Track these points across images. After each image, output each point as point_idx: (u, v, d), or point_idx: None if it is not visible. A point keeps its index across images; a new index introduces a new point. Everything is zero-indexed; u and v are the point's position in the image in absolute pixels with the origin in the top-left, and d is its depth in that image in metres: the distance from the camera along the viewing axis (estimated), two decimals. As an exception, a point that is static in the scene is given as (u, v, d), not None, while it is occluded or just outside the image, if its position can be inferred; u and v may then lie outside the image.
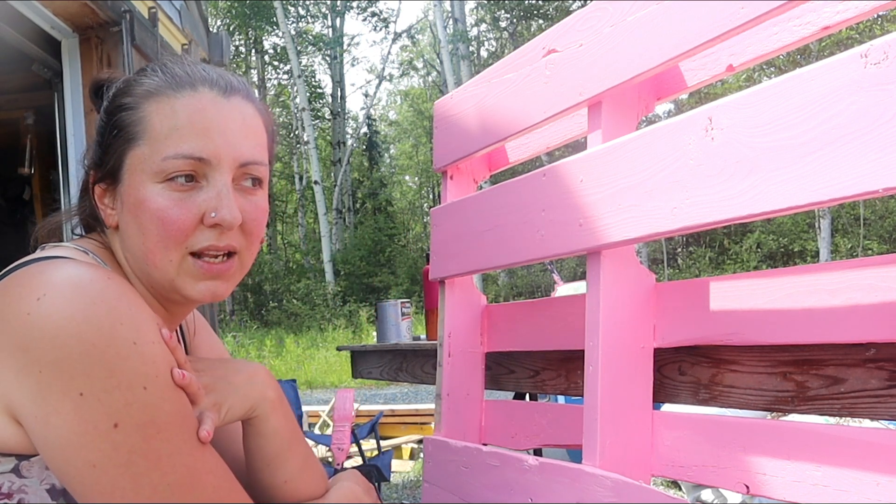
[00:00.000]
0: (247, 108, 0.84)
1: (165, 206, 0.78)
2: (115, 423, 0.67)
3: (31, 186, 4.17)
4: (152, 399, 0.70)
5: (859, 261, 0.80)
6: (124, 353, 0.69)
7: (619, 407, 1.00)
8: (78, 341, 0.67)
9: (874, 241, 14.84)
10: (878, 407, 0.81)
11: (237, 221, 0.80)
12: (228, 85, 0.83)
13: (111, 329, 0.69)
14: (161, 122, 0.80)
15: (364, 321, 14.78)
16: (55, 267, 0.73)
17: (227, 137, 0.80)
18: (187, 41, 3.78)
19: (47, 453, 0.70)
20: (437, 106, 1.48)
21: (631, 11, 0.99)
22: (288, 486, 0.87)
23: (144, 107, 0.81)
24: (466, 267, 1.34)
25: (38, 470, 0.73)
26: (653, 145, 0.94)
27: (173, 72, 0.83)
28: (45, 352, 0.67)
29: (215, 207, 0.79)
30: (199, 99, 0.81)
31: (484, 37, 24.08)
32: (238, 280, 0.85)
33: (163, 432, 0.70)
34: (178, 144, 0.78)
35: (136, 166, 0.80)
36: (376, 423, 3.94)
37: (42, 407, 0.68)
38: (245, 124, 0.83)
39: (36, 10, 2.60)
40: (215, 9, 20.91)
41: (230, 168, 0.80)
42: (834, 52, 2.31)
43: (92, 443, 0.67)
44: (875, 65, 0.69)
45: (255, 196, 0.84)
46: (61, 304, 0.68)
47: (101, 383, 0.67)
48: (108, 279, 0.73)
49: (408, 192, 27.73)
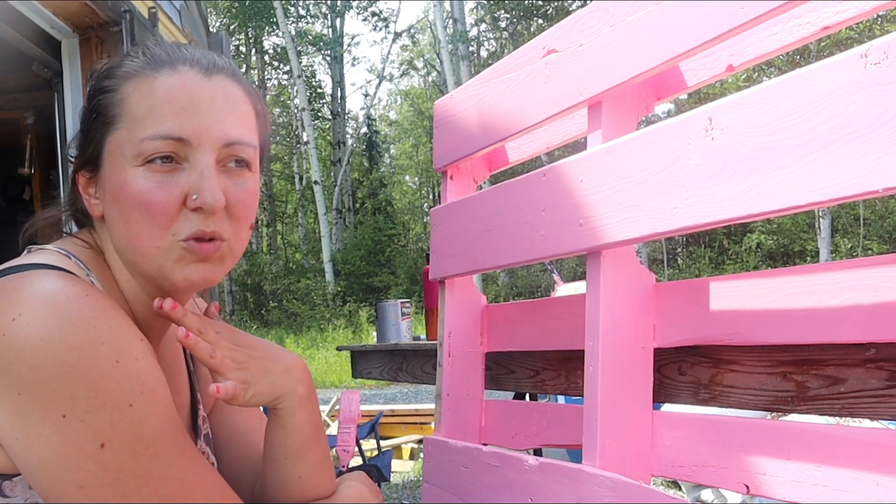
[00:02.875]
0: (231, 86, 0.80)
1: (146, 189, 0.74)
2: (101, 443, 0.66)
3: (31, 186, 4.17)
4: (139, 416, 0.68)
5: (859, 261, 0.80)
6: (107, 373, 0.67)
7: (619, 407, 1.00)
8: (56, 364, 0.65)
9: (874, 241, 14.83)
10: (878, 407, 0.81)
11: (219, 204, 0.75)
12: (211, 63, 0.79)
13: (90, 349, 0.66)
14: (139, 103, 0.76)
15: (364, 321, 14.78)
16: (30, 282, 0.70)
17: (208, 116, 0.76)
18: (187, 41, 3.78)
19: (31, 475, 0.68)
20: (437, 106, 1.48)
21: (631, 11, 0.99)
22: (301, 482, 0.86)
23: (123, 88, 0.78)
24: (466, 267, 1.34)
25: (21, 489, 0.71)
26: (653, 145, 0.94)
27: (154, 52, 0.79)
28: (22, 374, 0.65)
29: (197, 189, 0.75)
30: (178, 78, 0.77)
31: (484, 37, 24.08)
32: (229, 266, 0.82)
33: (151, 448, 0.68)
34: (156, 125, 0.75)
35: (116, 150, 0.77)
36: (376, 423, 3.94)
37: (22, 430, 0.66)
38: (228, 103, 0.78)
39: (36, 10, 2.60)
40: (215, 9, 20.91)
41: (213, 148, 0.76)
42: (834, 52, 2.30)
43: (78, 464, 0.66)
44: (875, 65, 0.69)
45: (241, 178, 0.79)
46: (37, 324, 0.66)
47: (84, 404, 0.65)
48: (87, 296, 0.70)
49: (408, 192, 27.73)
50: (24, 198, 4.25)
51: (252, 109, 0.83)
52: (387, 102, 31.54)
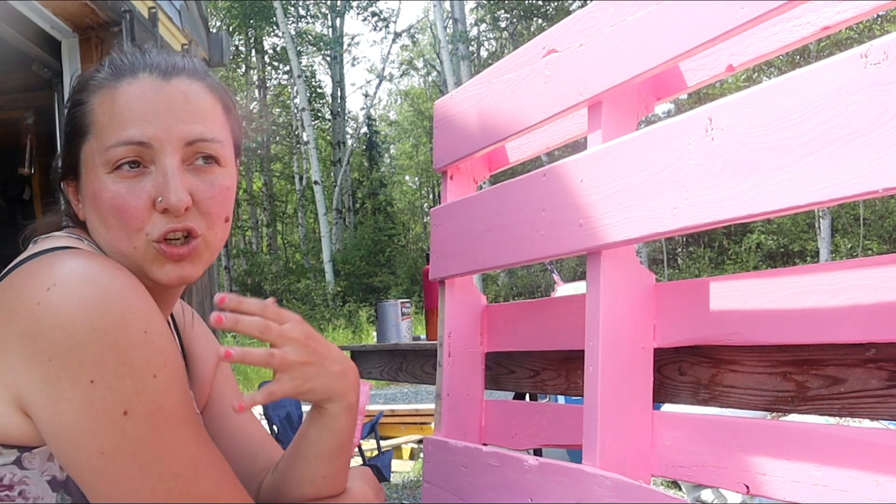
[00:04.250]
0: (192, 86, 0.82)
1: (117, 194, 0.78)
2: (124, 410, 0.68)
3: (31, 186, 4.17)
4: (161, 388, 0.70)
5: (859, 261, 0.80)
6: (136, 342, 0.69)
7: (619, 407, 1.00)
8: (90, 329, 0.68)
9: (874, 241, 14.83)
10: (878, 407, 0.81)
11: (183, 204, 0.78)
12: (171, 66, 0.82)
13: (122, 318, 0.69)
14: (104, 113, 0.80)
15: (364, 321, 14.78)
16: (63, 258, 0.73)
17: (167, 119, 0.79)
18: (187, 41, 3.78)
19: (55, 442, 0.70)
20: (437, 106, 1.48)
21: (631, 11, 0.99)
22: (323, 482, 0.87)
23: (92, 100, 0.82)
24: (466, 267, 1.34)
25: (39, 462, 0.73)
26: (653, 145, 0.94)
27: (117, 63, 0.83)
28: (55, 340, 0.67)
29: (161, 192, 0.78)
30: (137, 85, 0.80)
31: (484, 37, 24.08)
32: (208, 261, 0.84)
33: (170, 422, 0.71)
34: (119, 132, 0.78)
35: (89, 160, 0.81)
36: (376, 423, 3.94)
37: (52, 395, 0.68)
38: (189, 103, 0.81)
39: (36, 10, 2.60)
40: (215, 9, 20.91)
41: (175, 149, 0.79)
42: (833, 52, 2.30)
43: (102, 430, 0.68)
44: (875, 65, 0.69)
45: (209, 175, 0.81)
46: (72, 294, 0.69)
47: (111, 371, 0.68)
48: (117, 269, 0.73)
49: (408, 192, 27.73)
50: (24, 198, 4.25)
51: (219, 105, 0.85)
52: (387, 102, 31.56)
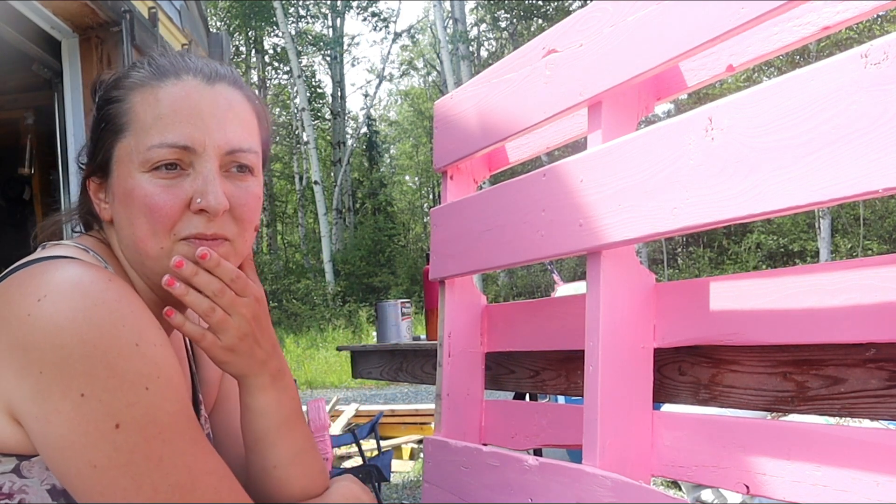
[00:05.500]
0: (233, 94, 0.83)
1: (152, 193, 0.78)
2: (116, 423, 0.68)
3: (31, 186, 4.17)
4: (154, 400, 0.70)
5: (859, 261, 0.80)
6: (126, 354, 0.69)
7: (619, 407, 1.00)
8: (79, 342, 0.67)
9: (874, 241, 14.83)
10: (878, 407, 0.81)
11: (223, 207, 0.79)
12: (213, 72, 0.83)
13: (113, 330, 0.69)
14: (145, 112, 0.80)
15: (364, 321, 14.78)
16: (56, 268, 0.73)
17: (211, 124, 0.79)
18: (187, 41, 3.78)
19: (47, 454, 0.70)
20: (437, 106, 1.48)
21: (631, 11, 0.99)
22: (277, 472, 0.86)
23: (130, 98, 0.81)
24: (466, 267, 1.34)
25: (38, 470, 0.73)
26: (653, 145, 0.94)
27: (158, 63, 0.83)
28: (45, 352, 0.67)
29: (201, 193, 0.78)
30: (182, 87, 0.80)
31: (484, 37, 24.08)
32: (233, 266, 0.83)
33: (164, 433, 0.70)
34: (162, 133, 0.78)
35: (124, 157, 0.80)
36: (376, 423, 3.94)
37: (42, 407, 0.68)
38: (231, 110, 0.82)
39: (36, 10, 2.60)
40: (215, 9, 20.91)
41: (216, 155, 0.80)
42: (833, 52, 2.31)
43: (93, 443, 0.67)
44: (875, 65, 0.69)
45: (244, 182, 0.82)
46: (62, 305, 0.68)
47: (102, 384, 0.67)
48: (110, 281, 0.72)
49: (408, 192, 27.72)
50: (24, 198, 4.25)
51: (253, 114, 0.86)
52: (387, 102, 31.56)
